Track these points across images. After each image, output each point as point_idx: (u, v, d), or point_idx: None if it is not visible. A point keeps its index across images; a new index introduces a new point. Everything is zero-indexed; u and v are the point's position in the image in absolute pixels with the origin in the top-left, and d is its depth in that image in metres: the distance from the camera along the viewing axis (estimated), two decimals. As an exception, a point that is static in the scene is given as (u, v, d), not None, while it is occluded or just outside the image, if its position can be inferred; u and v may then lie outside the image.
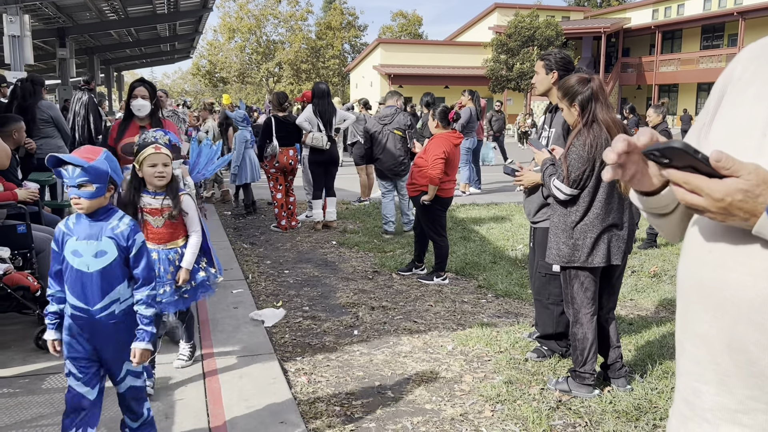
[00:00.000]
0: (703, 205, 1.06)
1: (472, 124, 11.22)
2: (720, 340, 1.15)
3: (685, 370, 1.26)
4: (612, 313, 3.75)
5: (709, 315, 1.17)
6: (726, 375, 1.15)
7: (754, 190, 1.02)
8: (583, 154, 3.39)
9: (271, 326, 4.73)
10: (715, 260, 1.16)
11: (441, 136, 6.04)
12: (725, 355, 1.14)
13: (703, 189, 1.04)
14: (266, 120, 8.56)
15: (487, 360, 4.19)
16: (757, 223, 1.04)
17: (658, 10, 39.88)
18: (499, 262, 6.70)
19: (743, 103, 1.20)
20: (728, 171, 1.02)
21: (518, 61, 33.98)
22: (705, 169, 1.04)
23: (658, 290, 5.78)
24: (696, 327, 1.21)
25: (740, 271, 1.11)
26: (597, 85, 3.44)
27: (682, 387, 1.27)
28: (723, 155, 1.02)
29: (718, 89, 1.28)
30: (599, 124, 3.40)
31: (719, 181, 1.03)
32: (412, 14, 60.92)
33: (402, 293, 5.69)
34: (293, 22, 52.41)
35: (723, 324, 1.14)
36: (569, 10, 45.90)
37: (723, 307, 1.13)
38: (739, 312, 1.11)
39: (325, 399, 3.59)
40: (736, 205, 1.03)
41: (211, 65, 51.92)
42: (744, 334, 1.10)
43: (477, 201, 10.89)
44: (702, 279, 1.19)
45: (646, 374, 3.88)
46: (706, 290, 1.17)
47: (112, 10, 16.28)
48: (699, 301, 1.20)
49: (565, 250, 3.52)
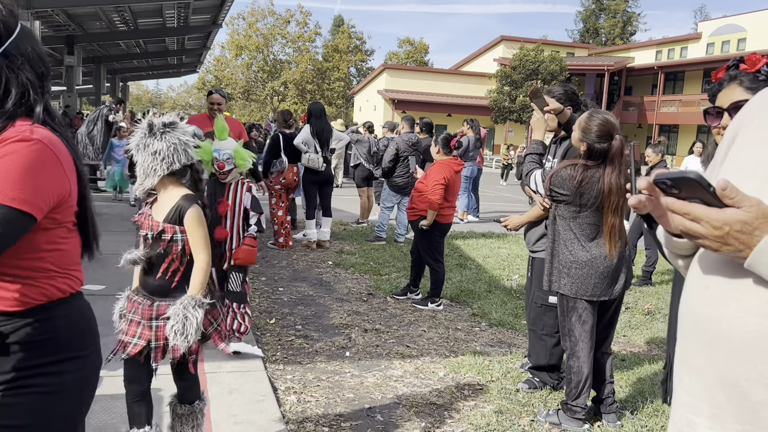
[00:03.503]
0: (702, 233, 1.09)
1: (471, 152, 11.34)
2: (713, 374, 1.17)
3: (681, 401, 1.28)
4: (608, 347, 3.75)
5: (704, 349, 1.20)
6: (719, 408, 1.17)
7: (753, 222, 1.05)
8: (569, 185, 3.42)
9: (263, 342, 4.71)
10: (711, 296, 1.19)
11: (442, 163, 6.08)
12: (718, 388, 1.17)
13: (703, 217, 1.08)
14: (274, 137, 8.62)
15: (478, 388, 4.17)
16: (750, 256, 1.07)
17: (661, 51, 40.39)
18: (494, 291, 6.69)
19: (750, 146, 1.25)
20: (732, 201, 1.06)
21: (521, 93, 34.30)
22: (712, 202, 1.07)
23: (651, 328, 5.78)
24: (692, 360, 1.24)
25: (734, 306, 1.14)
26: (617, 147, 3.36)
27: (677, 418, 1.30)
28: (729, 184, 1.05)
29: (732, 131, 1.32)
30: (602, 185, 3.38)
31: (720, 210, 1.07)
32: (418, 42, 61.60)
33: (396, 317, 5.68)
34: (301, 43, 52.95)
35: (716, 358, 1.16)
36: (574, 46, 46.43)
37: (717, 342, 1.16)
38: (732, 347, 1.13)
39: (314, 419, 3.57)
40: (733, 235, 1.07)
41: (217, 81, 52.29)
42: (736, 368, 1.13)
43: (475, 229, 10.91)
44: (698, 313, 1.22)
45: (637, 411, 3.86)
46: (701, 324, 1.20)
47: (122, 21, 16.44)
48: (695, 335, 1.22)
49: (557, 278, 3.56)
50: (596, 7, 58.45)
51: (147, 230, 2.72)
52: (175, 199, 2.70)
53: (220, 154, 4.17)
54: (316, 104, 8.51)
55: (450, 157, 6.17)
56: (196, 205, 2.70)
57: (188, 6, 15.13)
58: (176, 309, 2.59)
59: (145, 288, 2.76)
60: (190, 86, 68.37)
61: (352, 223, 10.69)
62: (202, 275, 2.69)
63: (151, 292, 2.73)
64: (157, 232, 2.67)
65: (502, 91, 35.35)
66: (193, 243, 2.69)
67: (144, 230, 2.74)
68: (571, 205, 3.46)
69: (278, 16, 52.49)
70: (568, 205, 3.47)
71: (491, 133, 39.01)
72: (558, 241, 3.57)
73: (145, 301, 2.71)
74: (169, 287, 2.71)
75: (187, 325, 2.57)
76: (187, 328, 2.57)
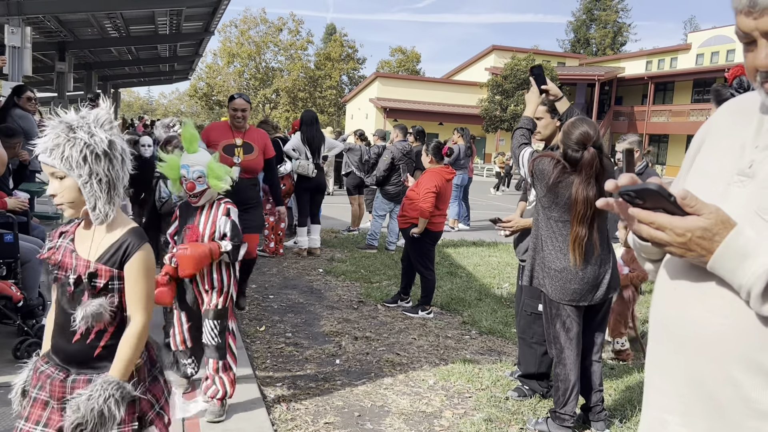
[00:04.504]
0: (666, 240, 1.14)
1: (462, 161, 11.39)
2: (682, 373, 1.22)
3: (652, 402, 1.32)
4: (597, 355, 3.76)
5: (673, 349, 1.25)
6: (688, 407, 1.22)
7: (713, 228, 1.11)
8: (545, 179, 3.47)
9: (252, 349, 4.70)
10: (678, 298, 1.25)
11: (433, 171, 6.10)
12: (687, 387, 1.21)
13: (667, 225, 1.13)
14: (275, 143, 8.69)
15: (468, 396, 4.17)
16: (710, 259, 1.13)
17: (651, 62, 40.71)
18: (484, 300, 6.71)
19: (716, 153, 1.31)
20: (692, 209, 1.12)
21: (512, 102, 34.46)
22: (674, 211, 1.13)
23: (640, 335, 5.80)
24: (662, 360, 1.28)
25: (699, 308, 1.19)
26: (587, 159, 3.38)
27: (649, 419, 1.34)
28: (688, 194, 1.12)
29: (699, 139, 1.39)
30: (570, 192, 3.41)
31: (681, 218, 1.13)
32: (410, 51, 61.82)
33: (386, 325, 5.68)
34: (293, 51, 53.02)
35: (684, 358, 1.22)
36: (565, 56, 46.73)
37: (684, 342, 1.22)
38: (698, 347, 1.19)
39: (303, 427, 3.56)
40: (695, 241, 1.12)
41: (209, 88, 52.27)
42: (702, 368, 1.18)
43: (465, 237, 10.93)
44: (666, 315, 1.28)
45: (626, 419, 3.88)
46: (670, 326, 1.26)
47: (114, 27, 16.41)
48: (665, 336, 1.28)
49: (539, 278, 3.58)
50: (587, 18, 58.89)
51: (69, 272, 1.93)
52: (116, 233, 1.95)
53: (189, 172, 3.29)
54: (308, 112, 8.58)
55: (441, 166, 6.19)
56: (148, 245, 1.98)
57: (180, 13, 15.13)
58: (84, 399, 1.84)
59: (58, 354, 1.98)
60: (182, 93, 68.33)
61: (343, 231, 10.69)
62: (134, 345, 1.92)
63: (66, 361, 1.97)
64: (86, 274, 1.91)
65: (494, 100, 35.51)
66: (132, 298, 1.94)
67: (64, 271, 1.95)
68: (548, 193, 3.50)
69: (270, 24, 52.60)
70: (546, 194, 3.51)
71: (482, 142, 39.17)
72: (540, 242, 3.59)
73: (56, 374, 1.94)
74: (92, 355, 1.95)
75: (97, 425, 1.83)
76: (96, 428, 1.83)
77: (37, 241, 4.76)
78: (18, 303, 4.15)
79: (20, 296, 4.17)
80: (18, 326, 4.11)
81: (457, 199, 11.86)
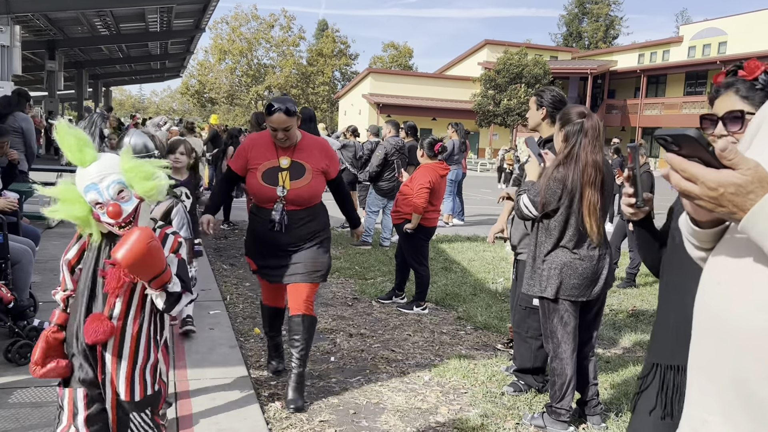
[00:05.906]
0: (696, 193, 1.08)
1: (456, 156, 11.38)
2: (724, 371, 1.16)
3: (693, 400, 1.27)
4: (592, 349, 3.75)
5: (715, 345, 1.19)
6: (731, 406, 1.16)
7: (748, 186, 1.04)
8: (554, 187, 3.43)
9: (246, 348, 4.67)
10: (722, 292, 1.18)
11: (427, 166, 6.08)
12: (729, 385, 1.15)
13: (699, 177, 1.07)
14: None
15: (463, 392, 4.16)
16: (743, 219, 1.06)
17: (644, 55, 40.78)
18: (479, 295, 6.70)
19: None
20: (730, 162, 1.05)
21: (506, 97, 34.46)
22: (710, 162, 1.06)
23: (635, 329, 5.80)
24: (703, 357, 1.23)
25: (744, 302, 1.12)
26: (590, 124, 3.45)
27: (690, 416, 1.28)
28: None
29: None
30: (578, 162, 3.43)
31: (716, 171, 1.06)
32: (403, 46, 61.84)
33: (381, 321, 5.66)
34: (285, 47, 52.90)
35: (726, 355, 1.15)
36: (557, 50, 46.77)
37: (727, 338, 1.15)
38: (741, 343, 1.12)
39: (298, 425, 3.54)
40: (727, 197, 1.06)
41: (201, 85, 52.12)
42: (745, 365, 1.12)
43: (460, 233, 10.92)
44: (710, 310, 1.21)
45: (622, 413, 3.87)
46: (713, 321, 1.20)
47: (104, 25, 16.32)
48: (707, 332, 1.22)
49: (537, 281, 3.56)
50: (579, 11, 58.96)
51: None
52: None
53: (100, 192, 2.10)
54: (306, 109, 8.55)
55: (435, 161, 6.17)
56: None
57: (171, 10, 15.05)
58: None
59: None
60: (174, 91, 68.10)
61: (337, 227, 10.65)
62: None
63: None
64: None
65: (487, 94, 35.49)
66: None
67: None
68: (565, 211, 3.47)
69: (262, 20, 52.50)
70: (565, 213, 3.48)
71: (475, 136, 39.16)
72: (539, 243, 3.58)
73: None
74: None
75: None
76: None
77: (28, 242, 4.71)
78: (8, 304, 4.10)
79: (11, 297, 4.12)
80: (9, 328, 4.07)
81: (451, 194, 11.84)
